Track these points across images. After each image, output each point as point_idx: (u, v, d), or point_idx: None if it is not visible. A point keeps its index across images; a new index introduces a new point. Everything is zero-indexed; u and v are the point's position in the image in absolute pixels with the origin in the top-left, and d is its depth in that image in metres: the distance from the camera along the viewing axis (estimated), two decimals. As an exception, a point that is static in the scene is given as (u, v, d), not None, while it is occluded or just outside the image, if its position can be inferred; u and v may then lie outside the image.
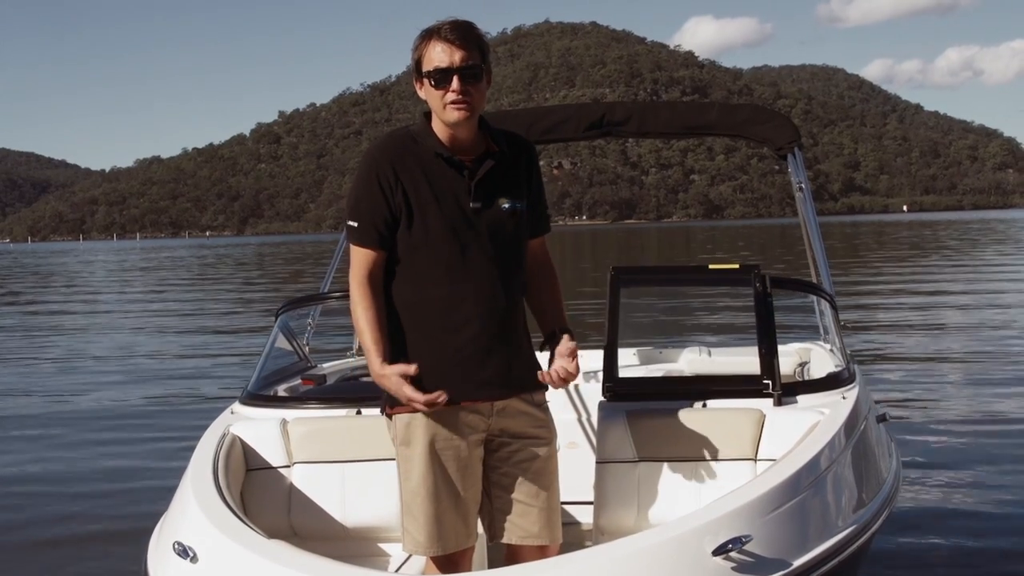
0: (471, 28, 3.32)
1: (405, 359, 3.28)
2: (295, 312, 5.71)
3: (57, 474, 8.39)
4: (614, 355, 4.17)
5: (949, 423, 9.23)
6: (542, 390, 3.46)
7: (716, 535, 2.82)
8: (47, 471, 8.51)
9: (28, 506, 7.48)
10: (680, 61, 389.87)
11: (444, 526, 3.31)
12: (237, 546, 2.95)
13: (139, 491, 7.67)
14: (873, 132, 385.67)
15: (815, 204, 6.23)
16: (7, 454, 9.25)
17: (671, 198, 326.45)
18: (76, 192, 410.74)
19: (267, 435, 4.09)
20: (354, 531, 3.99)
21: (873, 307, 20.10)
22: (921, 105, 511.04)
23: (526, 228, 3.45)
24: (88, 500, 7.58)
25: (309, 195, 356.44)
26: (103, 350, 17.34)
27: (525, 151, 3.50)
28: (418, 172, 3.32)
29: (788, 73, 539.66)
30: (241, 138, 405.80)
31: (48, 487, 8.01)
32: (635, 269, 6.61)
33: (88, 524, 6.93)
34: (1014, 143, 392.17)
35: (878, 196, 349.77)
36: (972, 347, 14.04)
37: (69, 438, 9.85)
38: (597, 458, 3.97)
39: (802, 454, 3.39)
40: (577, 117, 6.23)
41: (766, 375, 4.05)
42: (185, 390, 12.54)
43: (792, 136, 6.18)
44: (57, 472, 8.46)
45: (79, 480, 8.19)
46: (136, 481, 8.06)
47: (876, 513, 3.69)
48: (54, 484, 8.07)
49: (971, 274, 29.39)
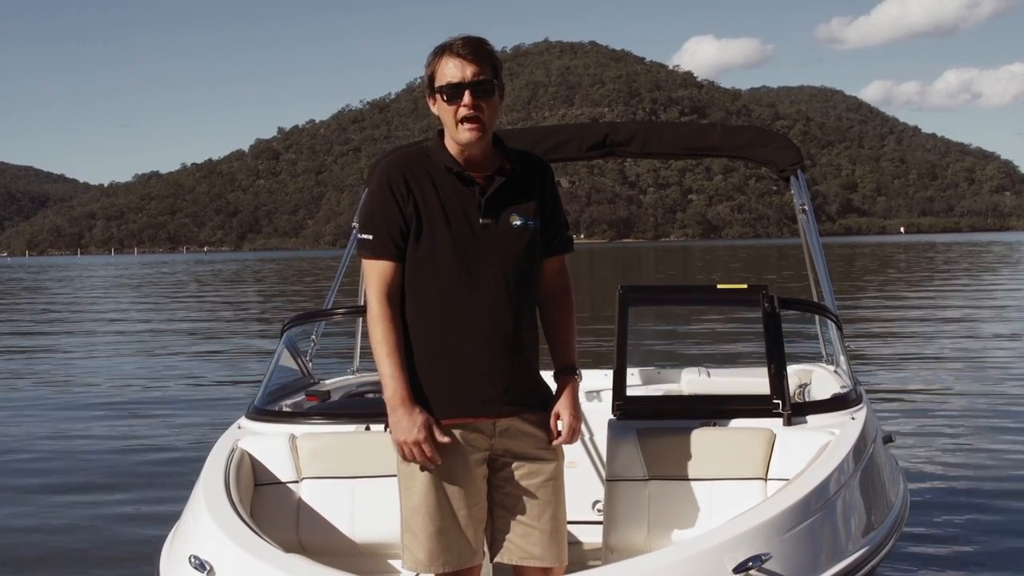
0: (483, 44, 3.33)
1: (408, 373, 3.27)
2: (300, 328, 5.71)
3: (59, 483, 8.36)
4: (623, 373, 4.16)
5: (949, 441, 9.25)
6: (547, 411, 3.43)
7: (736, 553, 2.82)
8: (48, 477, 8.49)
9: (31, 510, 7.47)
10: (679, 81, 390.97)
11: (445, 544, 3.29)
12: (255, 560, 2.94)
13: (145, 501, 7.68)
14: (871, 154, 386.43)
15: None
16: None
17: (669, 217, 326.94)
18: (74, 206, 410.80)
19: (276, 450, 4.08)
20: (363, 547, 3.98)
21: (874, 328, 20.12)
22: (919, 127, 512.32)
23: (539, 246, 3.43)
24: (92, 509, 7.58)
25: (307, 211, 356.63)
26: (86, 368, 17.30)
27: (539, 169, 3.50)
28: (429, 186, 3.32)
29: (787, 94, 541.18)
30: (240, 154, 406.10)
31: (52, 495, 7.99)
32: (643, 288, 6.61)
33: (94, 535, 6.92)
34: (1011, 166, 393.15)
35: (875, 217, 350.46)
36: (968, 362, 14.09)
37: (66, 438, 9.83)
38: (607, 476, 3.97)
39: (817, 473, 3.40)
40: (580, 137, 6.22)
41: (776, 395, 4.05)
42: (180, 402, 12.54)
43: (795, 158, 6.17)
44: (59, 480, 8.44)
45: (80, 488, 8.18)
46: (139, 491, 8.05)
47: (888, 533, 3.70)
48: (58, 493, 8.05)
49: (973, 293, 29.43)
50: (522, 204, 3.38)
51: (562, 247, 3.54)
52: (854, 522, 3.52)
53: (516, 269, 3.34)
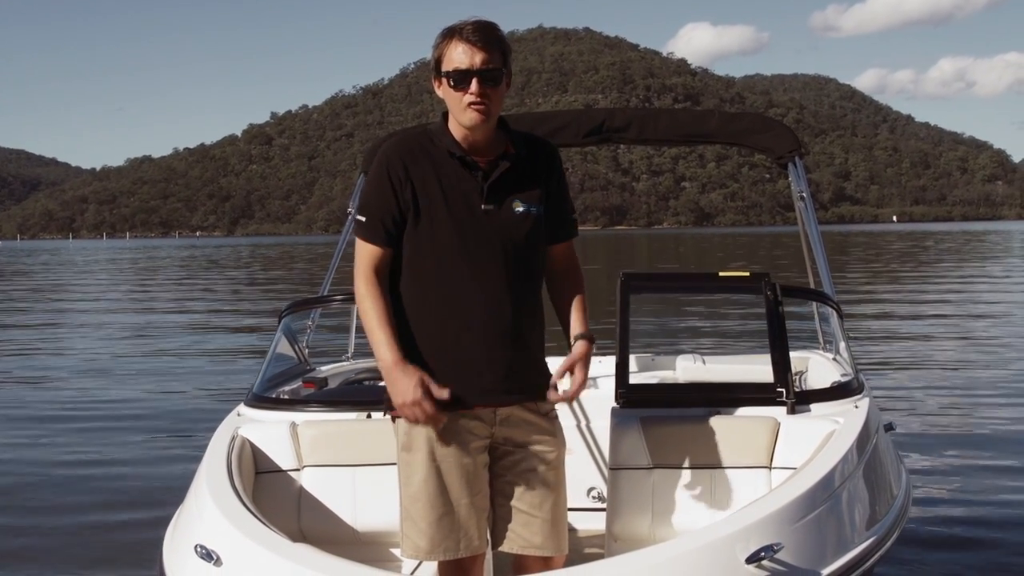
0: (494, 30, 3.26)
1: (408, 360, 3.23)
2: (297, 314, 5.69)
3: (55, 476, 8.32)
4: (626, 361, 4.14)
5: (943, 429, 9.27)
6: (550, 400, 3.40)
7: (748, 543, 2.81)
8: (45, 472, 8.45)
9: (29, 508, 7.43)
10: (673, 68, 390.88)
11: (446, 531, 3.26)
12: (263, 549, 2.92)
13: (143, 490, 7.65)
14: (864, 142, 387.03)
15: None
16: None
17: (662, 205, 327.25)
18: (66, 190, 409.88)
19: (276, 438, 4.06)
20: (364, 535, 3.96)
21: (868, 316, 20.15)
22: (912, 116, 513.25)
23: (543, 232, 3.37)
24: (91, 495, 7.57)
25: (300, 197, 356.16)
26: (84, 349, 17.28)
27: (545, 153, 3.43)
28: (430, 171, 3.26)
29: (780, 82, 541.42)
30: (233, 139, 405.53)
31: (48, 490, 7.93)
32: (644, 275, 6.58)
33: (92, 527, 6.87)
34: (1004, 155, 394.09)
35: (868, 206, 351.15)
36: (964, 356, 14.12)
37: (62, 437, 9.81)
38: (610, 464, 3.95)
39: (825, 461, 3.38)
40: (577, 123, 6.18)
41: (780, 383, 4.04)
42: (173, 391, 12.52)
43: (792, 145, 6.13)
44: (54, 473, 8.40)
45: (78, 481, 8.13)
46: (136, 480, 8.02)
47: (895, 520, 3.70)
48: (54, 488, 8.00)
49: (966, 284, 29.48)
50: (526, 190, 3.33)
51: (569, 232, 3.49)
52: (864, 508, 3.52)
53: (518, 256, 3.29)
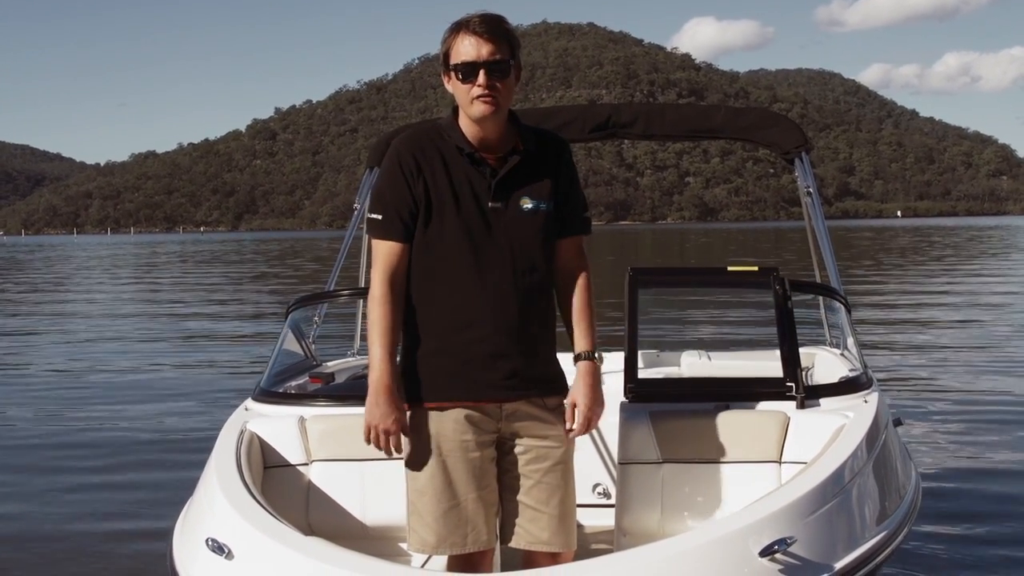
0: (501, 22, 3.25)
1: (414, 356, 3.27)
2: (304, 309, 5.68)
3: (60, 466, 8.34)
4: (635, 356, 4.14)
5: (951, 424, 9.26)
6: (557, 395, 3.39)
7: (761, 536, 2.80)
8: (49, 465, 8.46)
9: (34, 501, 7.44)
10: (677, 63, 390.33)
11: (452, 526, 3.26)
12: (275, 543, 2.91)
13: (149, 483, 7.68)
14: (868, 137, 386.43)
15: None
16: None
17: (666, 200, 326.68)
18: (71, 186, 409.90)
19: (285, 432, 4.06)
20: (373, 530, 3.96)
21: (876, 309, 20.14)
22: (917, 111, 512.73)
23: (552, 229, 3.35)
24: (98, 492, 7.57)
25: (304, 192, 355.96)
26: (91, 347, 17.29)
27: (556, 149, 3.42)
28: (440, 166, 3.26)
29: (784, 77, 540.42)
30: (237, 134, 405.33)
31: (54, 478, 7.97)
32: (653, 270, 6.57)
33: (99, 521, 6.89)
34: (1009, 150, 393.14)
35: (872, 201, 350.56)
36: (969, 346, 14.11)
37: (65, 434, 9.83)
38: (619, 459, 3.95)
39: (836, 456, 3.37)
40: (583, 118, 6.17)
41: (789, 378, 4.03)
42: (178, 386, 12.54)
43: (799, 140, 6.11)
44: (60, 464, 8.41)
45: (84, 472, 8.15)
46: (141, 473, 8.06)
47: (906, 514, 3.70)
48: (60, 476, 8.03)
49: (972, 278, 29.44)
50: (535, 186, 3.31)
51: (579, 228, 3.45)
52: (876, 502, 3.52)
53: (525, 254, 3.28)
